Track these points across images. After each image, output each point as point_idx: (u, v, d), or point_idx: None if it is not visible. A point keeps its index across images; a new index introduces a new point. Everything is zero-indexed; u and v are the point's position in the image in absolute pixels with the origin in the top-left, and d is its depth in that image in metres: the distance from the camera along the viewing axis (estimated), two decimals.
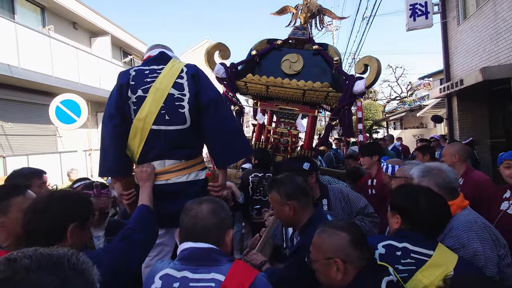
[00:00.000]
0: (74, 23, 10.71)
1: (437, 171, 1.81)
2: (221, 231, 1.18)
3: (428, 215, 1.32)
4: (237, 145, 1.85)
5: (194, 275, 1.08)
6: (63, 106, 5.44)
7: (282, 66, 3.23)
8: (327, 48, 3.28)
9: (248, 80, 3.25)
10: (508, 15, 5.74)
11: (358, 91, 2.94)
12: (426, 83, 20.59)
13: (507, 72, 5.63)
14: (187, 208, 1.22)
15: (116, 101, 1.74)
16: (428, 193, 1.40)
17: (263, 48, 3.41)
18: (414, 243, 1.29)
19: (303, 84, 3.06)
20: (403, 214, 1.37)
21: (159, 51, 1.86)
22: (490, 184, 2.77)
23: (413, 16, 7.93)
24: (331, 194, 2.29)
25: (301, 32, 3.39)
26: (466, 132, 8.04)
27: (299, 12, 3.52)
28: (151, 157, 1.71)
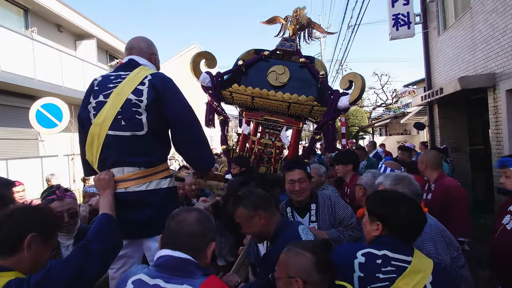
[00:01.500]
0: (58, 25, 10.55)
1: (408, 180, 1.88)
2: (204, 241, 1.18)
3: (408, 220, 1.33)
4: (204, 158, 1.93)
5: (166, 285, 1.07)
6: (44, 110, 5.31)
7: (269, 78, 3.23)
8: (313, 61, 3.30)
9: (234, 90, 3.23)
10: (483, 27, 5.97)
11: (342, 106, 2.98)
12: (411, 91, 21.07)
13: (483, 82, 5.85)
14: (175, 214, 1.23)
15: (81, 106, 1.75)
16: (406, 199, 1.42)
17: (250, 58, 3.39)
18: (393, 250, 1.30)
19: (289, 97, 3.07)
20: (383, 220, 1.37)
21: (128, 58, 1.82)
22: (459, 189, 2.87)
23: (396, 26, 8.15)
24: (320, 200, 2.30)
25: (289, 44, 3.41)
26: (447, 139, 8.27)
27: (288, 23, 3.53)
28: (109, 163, 1.65)
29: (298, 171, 2.22)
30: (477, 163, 8.08)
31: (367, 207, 1.47)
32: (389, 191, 1.58)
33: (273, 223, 1.67)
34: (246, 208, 1.65)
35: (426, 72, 8.98)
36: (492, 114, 5.99)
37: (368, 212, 1.45)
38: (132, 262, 1.73)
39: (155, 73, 1.75)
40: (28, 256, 1.16)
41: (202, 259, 1.17)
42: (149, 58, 1.88)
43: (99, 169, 1.68)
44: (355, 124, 19.94)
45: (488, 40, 5.86)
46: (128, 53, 1.85)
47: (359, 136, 20.71)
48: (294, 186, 2.22)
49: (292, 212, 2.31)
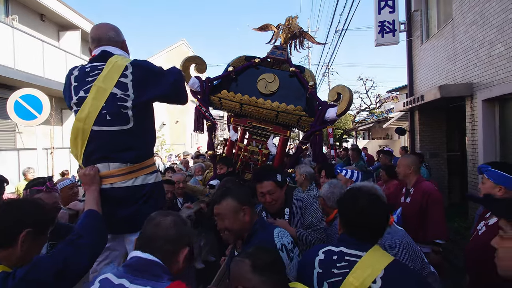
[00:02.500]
0: (41, 15, 10.22)
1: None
2: (178, 246, 1.18)
3: (364, 217, 1.33)
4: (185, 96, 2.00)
5: (130, 285, 1.08)
6: (23, 101, 5.14)
7: (258, 85, 3.23)
8: (303, 71, 3.33)
9: (223, 96, 3.23)
10: (464, 37, 6.21)
11: (330, 118, 3.02)
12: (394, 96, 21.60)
13: (462, 91, 6.08)
14: (152, 217, 1.23)
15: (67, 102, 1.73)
16: (368, 195, 1.41)
17: (241, 64, 3.39)
18: (348, 246, 1.33)
19: (277, 106, 3.08)
20: (341, 218, 1.43)
21: (101, 49, 1.75)
22: (436, 193, 2.99)
23: (382, 33, 8.35)
24: (293, 203, 2.29)
25: (280, 52, 3.42)
26: (426, 145, 8.54)
27: (280, 31, 3.55)
28: (94, 159, 1.63)
29: (266, 183, 2.16)
30: (453, 168, 8.40)
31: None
32: (355, 188, 1.65)
33: (252, 223, 1.66)
34: (234, 200, 1.62)
35: (408, 79, 9.24)
36: (469, 122, 6.23)
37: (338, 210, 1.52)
38: (115, 255, 1.74)
39: (134, 63, 1.71)
40: (20, 251, 1.16)
41: (174, 264, 1.17)
42: (121, 46, 1.82)
43: (83, 164, 1.66)
44: (339, 127, 20.29)
45: (467, 51, 6.11)
46: (97, 44, 1.77)
47: (343, 139, 21.07)
48: (264, 198, 2.19)
49: (267, 217, 2.30)
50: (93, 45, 1.79)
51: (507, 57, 4.93)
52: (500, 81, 5.12)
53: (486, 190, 2.01)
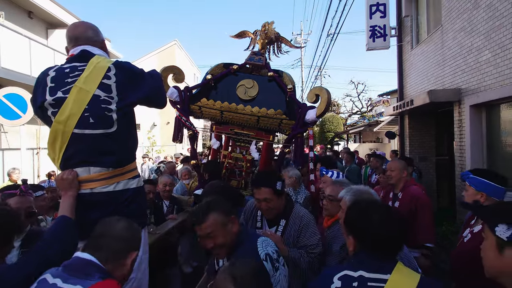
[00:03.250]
0: (29, 12, 10.03)
1: (367, 195, 1.86)
2: (124, 249, 1.19)
3: (381, 231, 1.20)
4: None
5: (63, 284, 1.09)
6: (7, 100, 5.01)
7: (238, 91, 3.25)
8: (282, 75, 3.35)
9: (203, 104, 3.23)
10: (452, 44, 6.30)
11: (310, 120, 3.04)
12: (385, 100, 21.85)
13: (450, 96, 6.16)
14: (104, 220, 1.25)
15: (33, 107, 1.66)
16: (378, 207, 1.31)
17: (219, 72, 3.41)
18: (369, 269, 1.17)
19: (257, 111, 3.10)
20: (355, 233, 1.26)
21: (81, 49, 1.67)
22: (425, 197, 3.02)
23: (373, 37, 8.42)
24: (291, 217, 2.14)
25: (258, 58, 3.45)
26: (415, 149, 8.63)
27: (257, 37, 3.58)
28: (73, 162, 1.56)
29: (264, 190, 2.06)
30: (442, 172, 8.50)
31: (344, 219, 1.38)
32: (363, 201, 1.43)
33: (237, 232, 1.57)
34: (220, 214, 1.50)
35: (398, 83, 9.35)
36: (457, 127, 6.31)
37: (344, 224, 1.37)
38: None
39: (116, 64, 1.66)
40: None
41: (119, 266, 1.18)
42: (100, 46, 1.76)
43: (61, 168, 1.60)
44: (331, 130, 20.40)
45: (456, 57, 6.19)
46: (75, 44, 1.70)
47: (334, 142, 21.19)
48: (260, 204, 2.10)
49: (262, 218, 2.23)
50: (70, 45, 1.73)
51: (493, 63, 5.01)
52: (487, 87, 5.20)
53: (470, 197, 2.01)
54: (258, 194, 2.07)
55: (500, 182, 1.93)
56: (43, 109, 1.59)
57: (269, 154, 3.59)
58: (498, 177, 1.96)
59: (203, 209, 1.55)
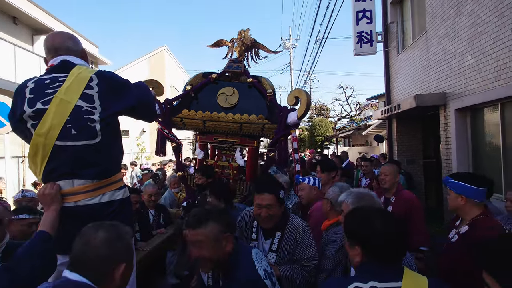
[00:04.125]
0: (14, 17, 9.84)
1: (370, 196, 1.87)
2: (110, 265, 1.11)
3: (388, 237, 1.18)
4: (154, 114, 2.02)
5: None
6: None
7: (218, 100, 3.27)
8: (261, 81, 3.38)
9: (184, 115, 3.24)
10: (437, 49, 6.46)
11: (292, 122, 3.07)
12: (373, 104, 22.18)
13: (436, 100, 6.30)
14: (82, 233, 1.16)
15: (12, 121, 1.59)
16: (381, 213, 1.29)
17: (199, 82, 3.43)
18: (380, 279, 1.14)
19: (239, 117, 3.12)
20: (362, 243, 1.21)
21: (61, 59, 1.63)
22: (416, 201, 3.07)
23: (360, 43, 8.57)
24: (287, 229, 2.05)
25: (236, 65, 3.49)
26: (403, 152, 8.77)
27: (234, 45, 3.62)
28: (56, 175, 1.51)
29: (267, 196, 1.96)
30: (429, 175, 8.65)
31: (345, 230, 1.33)
32: (362, 208, 1.41)
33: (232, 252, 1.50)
34: (216, 226, 1.43)
35: (386, 88, 9.51)
36: (442, 130, 6.45)
37: (346, 235, 1.31)
38: None
39: (99, 74, 1.62)
40: None
41: (109, 282, 1.12)
42: (81, 56, 1.72)
43: (43, 181, 1.55)
44: (320, 134, 20.57)
45: (440, 62, 6.35)
46: (54, 54, 1.66)
47: (324, 145, 21.36)
48: (261, 211, 1.99)
49: (258, 229, 2.13)
50: (49, 55, 1.68)
51: (476, 69, 5.16)
52: (471, 92, 5.34)
53: (452, 201, 2.06)
54: (260, 199, 1.99)
55: (479, 184, 1.96)
56: (22, 121, 1.53)
57: (255, 159, 3.60)
58: (477, 179, 2.01)
59: (202, 215, 1.48)
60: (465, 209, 1.99)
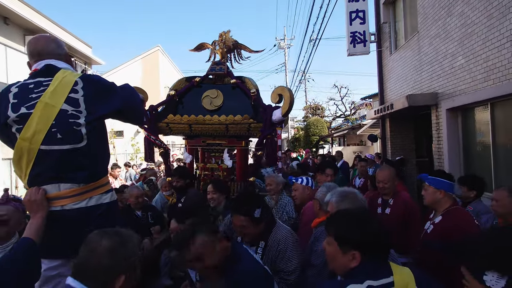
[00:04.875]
0: (5, 18, 9.74)
1: (353, 195, 1.94)
2: (112, 275, 1.11)
3: (381, 237, 1.23)
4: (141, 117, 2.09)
5: None
6: None
7: (203, 103, 3.29)
8: (244, 81, 3.40)
9: (170, 120, 3.26)
10: (429, 50, 6.51)
11: (277, 120, 3.10)
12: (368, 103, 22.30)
13: (428, 100, 6.36)
14: (88, 240, 1.17)
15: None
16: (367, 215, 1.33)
17: (182, 86, 3.44)
18: (375, 277, 1.17)
19: (225, 119, 3.14)
20: (360, 247, 1.20)
21: (44, 63, 1.61)
22: (414, 203, 3.10)
23: (353, 43, 8.62)
24: (270, 241, 2.03)
25: (219, 67, 3.51)
26: (396, 151, 8.84)
27: (216, 47, 3.64)
28: (42, 179, 1.50)
29: (239, 218, 1.95)
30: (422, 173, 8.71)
31: (335, 236, 1.27)
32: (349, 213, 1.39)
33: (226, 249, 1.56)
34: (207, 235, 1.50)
35: (379, 88, 9.57)
36: (434, 130, 6.51)
37: (337, 241, 1.25)
38: None
39: (84, 78, 1.62)
40: None
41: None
42: (65, 59, 1.72)
43: (29, 185, 1.53)
44: (315, 134, 20.63)
45: (432, 62, 6.41)
46: (38, 58, 1.65)
47: (319, 145, 21.43)
48: (236, 229, 2.04)
49: None
50: (33, 60, 1.66)
51: (467, 69, 5.21)
52: (461, 92, 5.40)
53: (430, 195, 2.30)
54: (235, 220, 1.98)
55: (451, 179, 2.33)
56: (7, 126, 1.51)
57: (245, 159, 3.62)
58: (448, 175, 2.37)
59: (189, 233, 1.52)
60: (441, 202, 2.26)
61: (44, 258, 1.52)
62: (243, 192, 3.10)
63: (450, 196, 2.28)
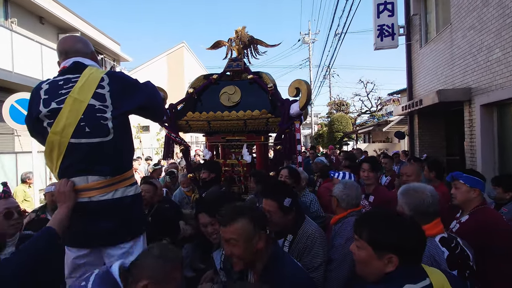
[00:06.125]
0: (40, 17, 10.26)
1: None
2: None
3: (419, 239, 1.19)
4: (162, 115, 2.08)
5: None
6: (19, 105, 5.12)
7: (221, 99, 3.33)
8: (262, 76, 3.40)
9: (189, 118, 3.32)
10: (462, 42, 6.17)
11: (294, 113, 3.08)
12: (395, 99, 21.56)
13: (460, 96, 6.04)
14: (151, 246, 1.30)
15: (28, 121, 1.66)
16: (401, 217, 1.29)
17: (201, 84, 3.50)
18: (414, 281, 1.13)
19: (243, 114, 3.15)
20: (398, 250, 1.15)
21: (73, 61, 1.69)
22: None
23: (381, 36, 8.32)
24: (299, 234, 1.98)
25: (236, 64, 3.53)
26: (425, 149, 8.49)
27: (232, 44, 3.65)
28: (71, 172, 1.57)
29: (268, 202, 1.91)
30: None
31: (369, 240, 1.20)
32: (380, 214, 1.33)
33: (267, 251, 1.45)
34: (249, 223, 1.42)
35: (407, 83, 9.21)
36: (467, 127, 6.19)
37: (371, 245, 1.19)
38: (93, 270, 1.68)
39: (109, 74, 1.68)
40: None
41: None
42: (91, 57, 1.79)
43: (59, 177, 1.62)
44: (339, 130, 20.24)
45: (465, 55, 6.07)
46: (65, 57, 1.73)
47: (343, 142, 21.02)
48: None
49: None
50: (61, 58, 1.75)
51: (504, 62, 4.89)
52: (498, 87, 5.08)
53: (463, 194, 2.22)
54: (263, 204, 1.94)
55: (483, 178, 2.29)
56: (39, 121, 1.60)
57: (264, 154, 3.62)
58: (481, 175, 2.35)
59: (231, 212, 1.45)
60: (473, 201, 2.18)
61: (72, 247, 1.60)
62: (274, 180, 3.07)
63: (482, 196, 2.22)
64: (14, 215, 1.79)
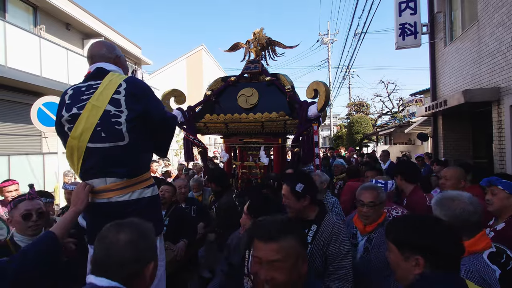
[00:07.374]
0: (67, 24, 10.69)
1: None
2: (139, 265, 1.06)
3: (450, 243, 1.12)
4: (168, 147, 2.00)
5: None
6: (46, 108, 5.36)
7: (239, 101, 3.33)
8: (279, 78, 3.37)
9: (207, 120, 3.34)
10: (490, 40, 5.89)
11: (313, 115, 3.04)
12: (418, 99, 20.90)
13: (488, 96, 5.77)
14: (102, 235, 1.08)
15: (55, 125, 1.73)
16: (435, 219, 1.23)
17: (218, 86, 3.52)
18: (451, 285, 1.09)
19: (260, 116, 3.14)
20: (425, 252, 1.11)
21: (95, 67, 1.77)
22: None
23: (402, 35, 8.10)
24: (323, 223, 1.96)
25: (254, 66, 3.52)
26: (450, 151, 8.17)
27: (250, 46, 3.65)
28: (92, 173, 1.64)
29: (283, 187, 1.99)
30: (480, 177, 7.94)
31: (393, 240, 1.19)
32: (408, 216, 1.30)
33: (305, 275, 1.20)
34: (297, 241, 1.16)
35: (431, 83, 8.90)
36: (496, 128, 5.89)
37: (395, 245, 1.17)
38: None
39: (128, 80, 1.72)
40: None
41: (140, 282, 1.07)
42: (114, 62, 1.84)
43: (82, 178, 1.69)
44: (359, 132, 19.83)
45: (494, 53, 5.79)
46: (91, 62, 1.82)
47: (363, 143, 20.58)
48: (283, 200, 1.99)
49: None
50: (89, 63, 1.85)
51: None
52: None
53: (501, 200, 2.08)
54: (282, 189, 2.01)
55: None
56: (61, 125, 1.68)
57: (282, 157, 3.59)
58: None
59: (278, 225, 1.17)
60: (510, 208, 2.05)
61: (92, 245, 1.64)
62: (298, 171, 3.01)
63: None
64: (32, 216, 1.85)
